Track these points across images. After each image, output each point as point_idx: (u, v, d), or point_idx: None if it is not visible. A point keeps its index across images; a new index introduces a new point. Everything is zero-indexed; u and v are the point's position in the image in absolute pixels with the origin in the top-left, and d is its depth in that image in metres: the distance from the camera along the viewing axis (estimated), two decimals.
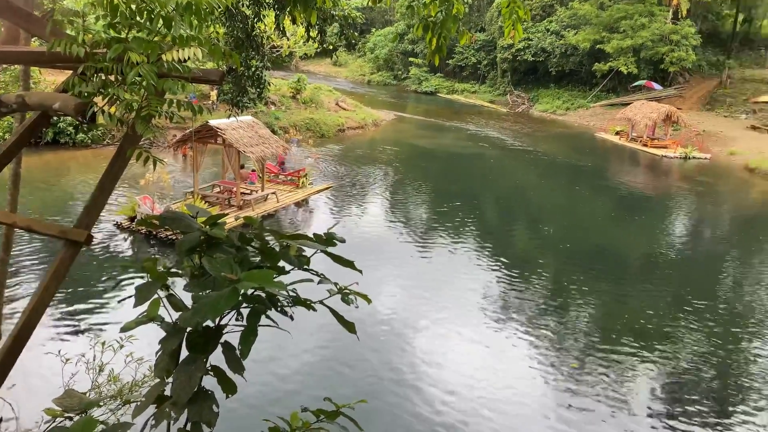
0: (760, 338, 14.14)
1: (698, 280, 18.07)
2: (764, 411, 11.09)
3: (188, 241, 2.78)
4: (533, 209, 25.78)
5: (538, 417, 10.43)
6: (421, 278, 16.33)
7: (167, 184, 22.32)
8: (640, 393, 11.42)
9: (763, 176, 33.02)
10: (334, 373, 11.25)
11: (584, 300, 15.92)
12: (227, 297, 2.19)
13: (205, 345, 2.82)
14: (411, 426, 9.86)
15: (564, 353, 12.75)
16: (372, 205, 23.94)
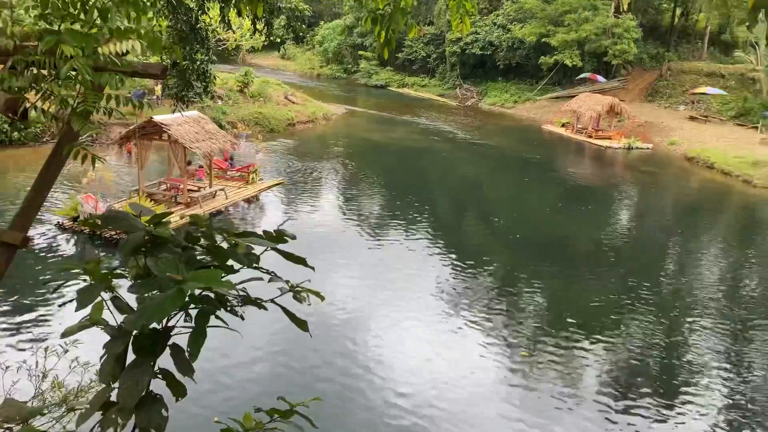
0: (701, 323, 14.72)
1: (643, 267, 18.67)
2: (706, 392, 11.56)
3: (132, 241, 2.68)
4: (484, 201, 26.14)
5: (490, 406, 10.59)
6: (374, 273, 16.34)
7: (110, 183, 21.66)
8: (588, 378, 11.73)
9: (702, 165, 34.35)
10: (287, 371, 11.16)
11: (534, 289, 16.24)
12: (173, 298, 2.11)
13: (152, 348, 2.73)
14: (366, 420, 9.88)
15: (515, 342, 12.98)
16: (324, 201, 23.83)
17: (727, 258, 20.41)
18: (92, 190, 19.14)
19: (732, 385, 11.82)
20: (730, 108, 44.83)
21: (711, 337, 13.88)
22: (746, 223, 25.95)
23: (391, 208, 23.45)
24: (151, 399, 2.65)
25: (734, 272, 18.91)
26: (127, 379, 2.58)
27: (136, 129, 19.31)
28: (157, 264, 2.42)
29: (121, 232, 15.01)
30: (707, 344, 13.52)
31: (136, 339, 2.62)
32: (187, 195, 19.87)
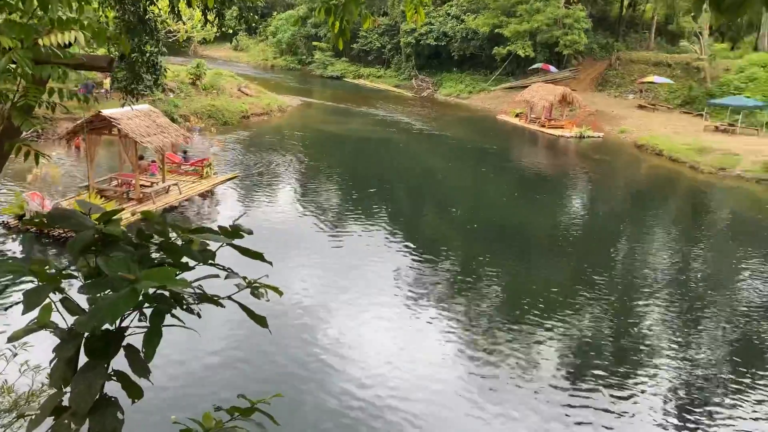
0: (652, 305, 15.19)
1: (596, 253, 19.13)
2: (656, 372, 11.95)
3: (80, 240, 2.58)
4: (441, 192, 26.31)
5: (450, 395, 10.70)
6: (333, 266, 16.29)
7: (57, 179, 20.98)
8: (545, 362, 11.98)
9: (651, 152, 35.33)
10: (247, 368, 11.05)
11: (492, 278, 16.47)
12: (126, 298, 2.05)
13: (106, 349, 2.65)
14: (327, 415, 9.86)
15: (474, 329, 13.15)
16: (281, 194, 23.60)
17: (676, 242, 21.10)
18: (38, 188, 18.50)
19: (681, 364, 12.25)
20: (676, 96, 46.23)
21: (661, 318, 14.34)
22: (694, 208, 26.86)
23: (348, 200, 23.39)
24: (106, 402, 2.57)
25: (683, 256, 19.56)
26: (79, 383, 2.50)
27: (83, 124, 18.71)
28: (107, 263, 2.34)
29: (70, 231, 14.59)
30: (658, 326, 13.96)
31: (88, 341, 2.54)
32: (139, 190, 19.40)
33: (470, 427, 9.84)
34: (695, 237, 21.79)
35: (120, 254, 2.55)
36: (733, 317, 14.73)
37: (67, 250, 2.68)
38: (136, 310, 2.59)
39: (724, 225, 24.33)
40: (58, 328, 2.61)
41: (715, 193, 28.94)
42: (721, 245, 20.84)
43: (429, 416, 9.99)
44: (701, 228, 23.42)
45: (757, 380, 11.77)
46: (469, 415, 10.12)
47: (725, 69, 44.27)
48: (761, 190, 28.79)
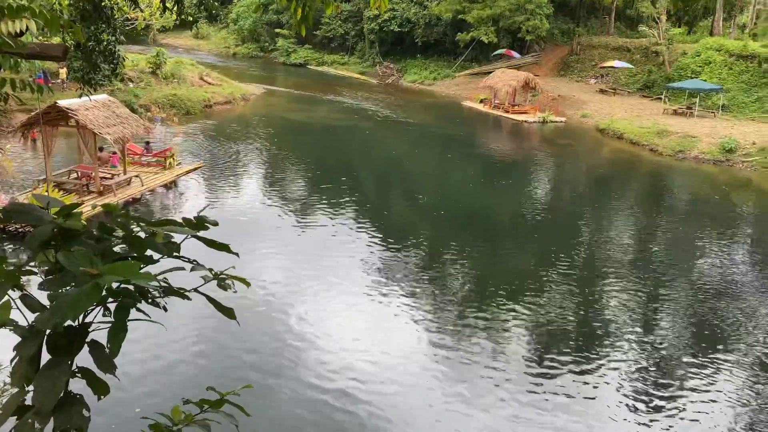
0: (616, 285, 15.54)
1: (560, 235, 19.45)
2: (620, 354, 12.25)
3: (39, 235, 2.52)
4: (408, 179, 26.37)
5: (420, 382, 10.80)
6: (300, 255, 16.22)
7: (11, 173, 20.36)
8: (512, 347, 12.17)
9: (612, 136, 35.97)
10: (215, 361, 10.95)
11: (459, 263, 16.62)
12: (88, 293, 2.00)
13: (69, 346, 2.60)
14: (300, 404, 9.87)
15: (443, 315, 13.27)
16: (247, 184, 23.34)
17: (637, 224, 21.59)
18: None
19: (644, 344, 12.58)
20: (636, 81, 47.09)
21: (625, 299, 14.69)
22: (654, 190, 27.49)
23: (315, 189, 23.27)
24: (71, 400, 2.53)
25: (644, 237, 20.03)
26: (42, 381, 2.45)
27: (39, 115, 18.16)
28: (68, 258, 2.28)
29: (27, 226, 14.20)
30: (622, 307, 14.30)
31: (50, 338, 2.49)
32: (99, 183, 18.96)
33: (438, 413, 9.95)
34: (656, 219, 22.32)
35: (81, 249, 2.49)
36: (693, 296, 15.17)
37: (25, 246, 2.60)
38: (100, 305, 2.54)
39: (683, 206, 24.98)
40: (18, 326, 2.55)
41: (674, 175, 29.66)
42: (681, 226, 21.40)
43: (397, 403, 10.07)
44: (661, 210, 23.99)
45: (716, 358, 12.17)
46: (438, 402, 10.23)
47: (682, 53, 45.22)
48: (718, 172, 29.62)
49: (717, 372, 11.58)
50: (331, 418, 9.49)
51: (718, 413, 10.34)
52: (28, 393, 2.53)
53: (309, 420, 9.46)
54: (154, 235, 2.60)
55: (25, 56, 3.24)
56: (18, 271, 2.59)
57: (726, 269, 17.08)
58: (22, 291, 2.71)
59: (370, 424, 9.40)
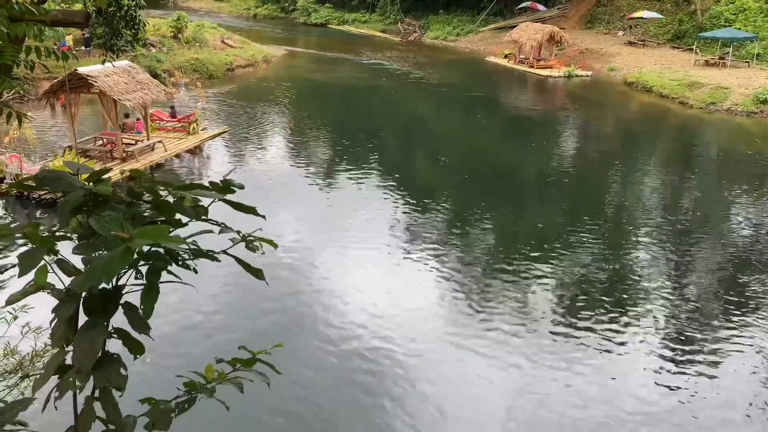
0: (641, 243, 15.37)
1: (586, 193, 19.23)
2: (647, 309, 12.20)
3: (71, 201, 2.57)
4: (432, 138, 26.17)
5: (446, 338, 10.92)
6: (326, 217, 16.33)
7: (33, 140, 20.68)
8: (538, 303, 12.20)
9: (640, 90, 35.07)
10: (246, 321, 11.18)
11: (483, 222, 16.57)
12: (120, 257, 2.05)
13: (104, 308, 2.67)
14: (329, 362, 10.07)
15: (467, 273, 13.31)
16: (271, 147, 23.40)
17: (666, 180, 21.20)
18: (16, 150, 18.25)
19: (672, 300, 12.50)
20: (666, 31, 45.57)
21: (652, 255, 14.55)
22: (683, 144, 26.87)
23: (338, 150, 23.25)
24: (108, 359, 2.62)
25: (673, 193, 19.69)
26: (81, 342, 2.54)
27: (63, 82, 18.30)
28: (100, 223, 2.33)
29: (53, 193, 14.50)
30: (649, 262, 14.18)
31: (86, 300, 2.57)
32: (122, 149, 19.14)
33: (461, 368, 10.08)
34: (685, 174, 21.89)
35: (112, 213, 2.55)
36: (722, 253, 14.96)
37: (57, 211, 2.66)
38: (132, 269, 2.61)
39: (713, 161, 24.41)
40: (55, 289, 2.63)
41: (705, 129, 28.91)
42: (711, 182, 20.97)
43: (421, 360, 10.21)
44: (691, 165, 23.50)
45: (744, 318, 12.05)
46: (462, 357, 10.34)
47: (715, 1, 43.51)
48: (751, 124, 28.79)
49: (744, 332, 11.48)
50: (358, 372, 9.68)
51: (743, 373, 10.29)
52: (68, 353, 2.63)
53: (335, 376, 9.66)
54: (182, 199, 2.64)
55: (49, 23, 3.25)
56: (52, 237, 2.66)
57: (757, 226, 16.76)
58: (57, 255, 2.79)
59: (393, 379, 9.57)
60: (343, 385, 9.51)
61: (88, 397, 2.73)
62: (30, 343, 6.60)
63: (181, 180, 3.19)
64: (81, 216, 2.71)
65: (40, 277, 2.54)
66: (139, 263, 2.48)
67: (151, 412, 2.87)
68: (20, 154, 17.70)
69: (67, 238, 2.75)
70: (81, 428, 2.71)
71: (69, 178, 2.68)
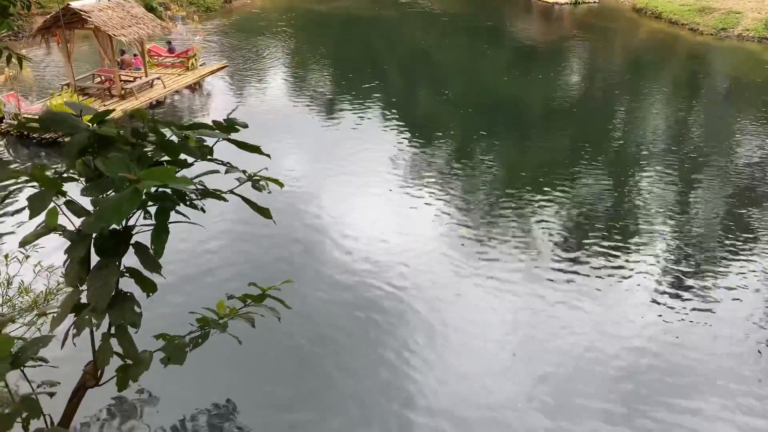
0: (647, 173, 15.32)
1: (593, 123, 19.01)
2: (650, 237, 12.29)
3: (77, 142, 2.57)
4: (436, 71, 25.67)
5: (451, 270, 11.07)
6: (329, 152, 16.24)
7: (30, 79, 20.37)
8: (542, 234, 12.28)
9: (649, 16, 34.08)
10: (253, 258, 11.30)
11: (487, 157, 16.49)
12: (129, 199, 2.07)
13: (115, 248, 2.72)
14: (337, 296, 10.25)
15: (471, 207, 13.36)
16: (273, 81, 23.02)
17: (674, 109, 20.90)
18: (13, 89, 18.00)
19: (676, 231, 12.57)
20: None
21: (658, 185, 14.53)
22: (692, 72, 26.32)
23: (341, 84, 22.89)
24: (122, 297, 2.68)
25: (680, 122, 19.45)
26: (95, 281, 2.59)
27: (57, 17, 17.84)
28: (107, 164, 2.35)
29: (51, 133, 14.49)
30: (654, 193, 14.17)
31: (97, 241, 2.60)
32: (120, 87, 18.86)
33: (464, 299, 10.26)
34: (693, 103, 21.55)
35: (117, 154, 2.55)
36: (730, 183, 14.92)
37: (59, 150, 2.67)
38: (141, 209, 2.63)
39: (722, 88, 23.98)
40: (66, 231, 2.67)
41: (715, 56, 28.26)
42: (719, 111, 20.67)
43: (424, 290, 10.38)
44: (699, 93, 23.10)
45: (749, 248, 12.14)
46: (464, 288, 10.51)
47: None
48: (762, 50, 28.10)
49: (748, 262, 11.59)
50: (362, 302, 9.89)
51: (746, 303, 10.46)
52: (82, 292, 2.70)
53: (340, 307, 9.87)
54: (187, 140, 2.64)
55: None
56: (60, 179, 2.67)
57: (765, 157, 16.64)
58: (66, 197, 2.81)
59: (396, 309, 9.78)
60: (348, 314, 9.72)
61: (105, 334, 2.82)
62: (43, 282, 6.76)
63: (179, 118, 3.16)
64: (87, 157, 2.72)
65: (51, 219, 2.57)
66: (147, 204, 2.50)
67: (166, 347, 2.97)
68: (17, 93, 17.49)
69: (73, 179, 2.77)
70: (99, 363, 2.81)
71: (73, 119, 2.66)
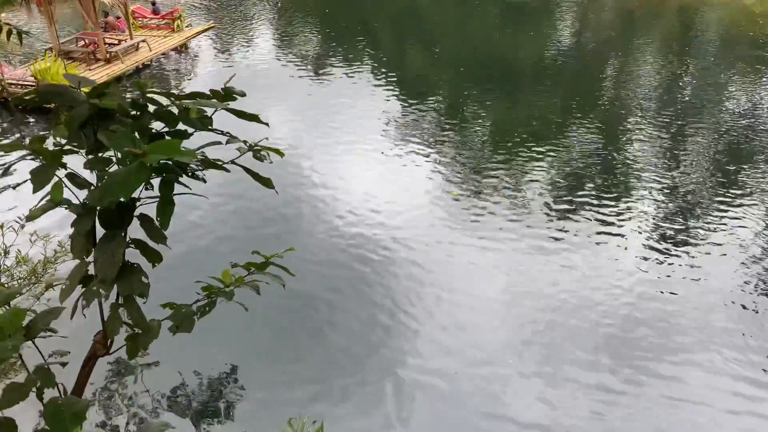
0: (638, 129, 15.36)
1: (585, 79, 18.94)
2: (643, 197, 12.41)
3: (78, 116, 2.58)
4: (425, 28, 25.33)
5: (441, 224, 11.16)
6: (319, 113, 16.12)
7: (12, 44, 19.91)
8: (534, 191, 12.36)
9: None
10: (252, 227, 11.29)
11: (478, 114, 16.44)
12: (136, 173, 2.09)
13: (120, 220, 2.75)
14: (325, 255, 10.34)
15: (463, 165, 13.38)
16: (260, 42, 22.65)
17: (665, 65, 20.81)
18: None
19: (667, 186, 12.69)
20: None
21: (649, 142, 14.59)
22: (684, 27, 26.13)
23: (328, 43, 22.57)
24: (130, 269, 2.72)
25: (672, 79, 19.40)
26: (102, 253, 2.63)
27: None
28: (111, 139, 2.36)
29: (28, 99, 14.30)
30: (645, 149, 14.25)
31: (101, 213, 2.63)
32: (105, 50, 18.50)
33: (455, 254, 10.38)
34: (684, 59, 21.45)
35: (120, 127, 2.56)
36: (720, 138, 15.00)
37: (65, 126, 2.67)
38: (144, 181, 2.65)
39: (714, 44, 23.85)
40: (72, 204, 2.69)
41: (707, 10, 28.00)
42: (710, 66, 20.61)
43: (420, 249, 10.48)
44: (691, 49, 22.98)
45: (741, 201, 12.29)
46: (455, 242, 10.62)
47: None
48: (754, 3, 27.87)
49: (738, 217, 11.75)
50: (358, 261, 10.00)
51: (734, 257, 10.65)
52: (89, 264, 2.73)
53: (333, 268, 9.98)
54: (187, 111, 2.64)
55: None
56: (61, 152, 2.68)
57: (755, 113, 16.69)
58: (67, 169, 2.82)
59: (388, 268, 9.89)
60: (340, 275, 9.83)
61: (113, 304, 2.86)
62: (39, 250, 6.78)
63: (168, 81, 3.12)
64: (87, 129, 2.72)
65: (56, 193, 2.59)
66: (150, 176, 2.52)
67: (174, 316, 3.02)
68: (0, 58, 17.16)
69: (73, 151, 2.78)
70: (109, 333, 2.87)
71: (72, 92, 2.66)
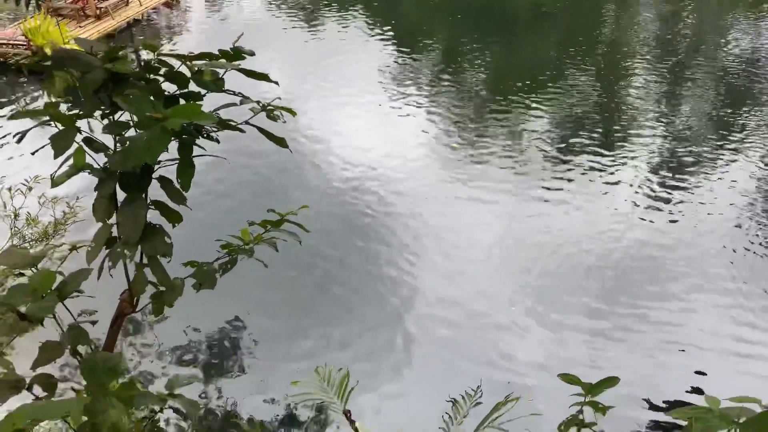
0: (636, 73, 15.25)
1: (582, 23, 18.66)
2: (643, 139, 12.43)
3: (93, 81, 2.61)
4: None
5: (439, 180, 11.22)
6: (314, 65, 15.93)
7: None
8: (532, 139, 12.37)
9: None
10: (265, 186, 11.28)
11: (474, 61, 16.28)
12: (159, 138, 2.15)
13: (140, 183, 2.82)
14: (326, 207, 10.43)
15: (460, 116, 13.34)
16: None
17: (663, 6, 20.46)
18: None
19: (664, 133, 12.71)
20: None
21: (647, 86, 14.51)
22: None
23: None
24: (152, 230, 2.80)
25: (671, 20, 19.12)
26: (125, 216, 2.71)
27: None
28: (129, 104, 2.41)
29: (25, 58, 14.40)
30: (643, 94, 14.18)
31: (121, 176, 2.70)
32: (94, 6, 18.08)
33: (451, 203, 10.46)
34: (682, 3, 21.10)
35: (135, 91, 2.59)
36: (718, 82, 14.91)
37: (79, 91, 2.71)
38: None
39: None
40: (95, 169, 2.75)
41: None
42: (709, 7, 20.27)
43: (419, 200, 10.56)
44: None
45: (737, 146, 12.32)
46: (451, 192, 10.69)
47: None
48: None
49: (735, 162, 11.79)
50: (359, 213, 10.11)
51: (731, 203, 10.73)
52: (112, 226, 2.82)
53: (334, 220, 10.09)
54: (200, 73, 2.67)
55: None
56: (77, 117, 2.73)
57: (754, 55, 16.53)
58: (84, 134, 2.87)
59: (388, 220, 10.01)
60: (341, 227, 9.95)
61: (138, 264, 2.96)
62: (48, 212, 6.86)
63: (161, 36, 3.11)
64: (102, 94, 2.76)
65: (79, 158, 2.64)
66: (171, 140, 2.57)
67: (196, 274, 3.12)
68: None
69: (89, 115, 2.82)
70: (135, 292, 2.97)
71: (86, 57, 2.69)
